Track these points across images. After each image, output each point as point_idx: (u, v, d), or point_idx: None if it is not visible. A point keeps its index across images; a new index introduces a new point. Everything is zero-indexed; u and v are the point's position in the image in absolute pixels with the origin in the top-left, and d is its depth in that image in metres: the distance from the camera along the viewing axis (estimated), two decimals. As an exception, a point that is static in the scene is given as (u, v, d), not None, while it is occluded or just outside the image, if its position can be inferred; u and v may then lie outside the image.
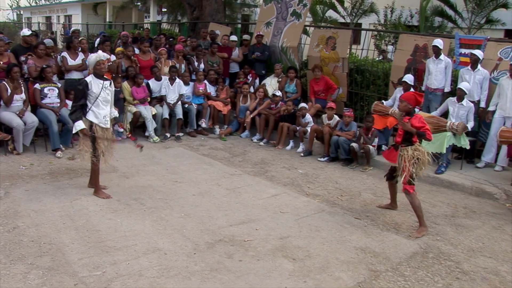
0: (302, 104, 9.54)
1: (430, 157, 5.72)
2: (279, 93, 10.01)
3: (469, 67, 8.20)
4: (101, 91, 6.08)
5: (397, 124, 5.94)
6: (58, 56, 9.34)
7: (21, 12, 43.51)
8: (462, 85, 7.82)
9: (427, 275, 4.66)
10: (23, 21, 40.84)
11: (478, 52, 8.12)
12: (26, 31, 9.57)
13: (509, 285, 4.54)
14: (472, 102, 7.99)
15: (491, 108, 8.02)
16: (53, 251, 4.78)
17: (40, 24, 35.27)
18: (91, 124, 6.09)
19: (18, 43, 10.32)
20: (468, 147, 7.70)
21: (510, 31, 17.59)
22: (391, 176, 6.12)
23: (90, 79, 6.06)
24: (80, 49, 9.45)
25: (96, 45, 11.89)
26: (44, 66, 8.48)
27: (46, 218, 5.53)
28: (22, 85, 8.11)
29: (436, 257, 5.04)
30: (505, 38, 14.79)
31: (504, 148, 7.68)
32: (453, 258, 5.03)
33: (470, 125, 7.82)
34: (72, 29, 13.73)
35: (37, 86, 8.35)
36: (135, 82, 9.52)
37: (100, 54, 6.18)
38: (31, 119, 8.04)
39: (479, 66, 8.11)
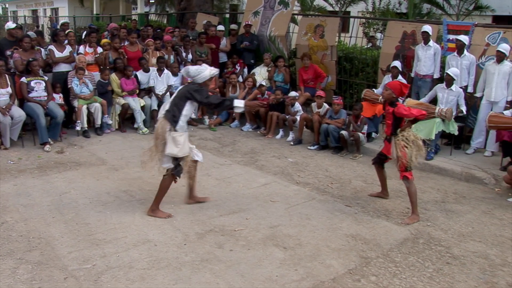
0: (293, 93, 9.52)
1: (421, 141, 5.72)
2: (264, 83, 10.01)
3: (455, 53, 8.21)
4: None
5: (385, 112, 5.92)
6: (43, 50, 9.23)
7: (6, 6, 43.00)
8: (450, 70, 7.82)
9: (417, 260, 4.69)
10: (9, 14, 40.39)
11: (463, 38, 8.12)
12: (10, 24, 9.47)
13: (498, 268, 4.57)
14: (460, 87, 8.00)
15: (478, 94, 8.03)
16: (42, 245, 4.75)
17: (26, 17, 34.88)
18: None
19: (3, 37, 10.21)
20: (456, 133, 7.71)
21: (499, 17, 17.61)
22: (379, 160, 6.12)
23: None
24: (67, 42, 9.35)
25: (83, 37, 11.78)
26: (30, 59, 8.38)
27: (35, 213, 5.50)
28: (8, 79, 8.02)
29: (426, 243, 5.05)
30: (493, 23, 14.80)
31: (493, 133, 7.70)
32: (444, 243, 5.05)
33: (464, 109, 7.83)
34: (61, 22, 13.58)
35: (23, 79, 8.25)
36: (124, 74, 9.44)
37: (214, 72, 5.54)
38: (18, 113, 7.96)
39: (465, 51, 8.12)
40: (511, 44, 7.85)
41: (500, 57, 7.65)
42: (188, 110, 5.36)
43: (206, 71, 5.36)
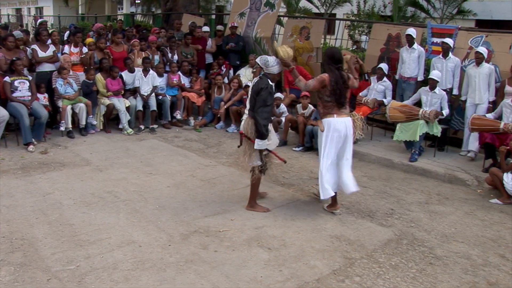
0: (278, 94, 9.53)
1: None
2: (249, 84, 9.99)
3: (440, 56, 8.29)
4: None
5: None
6: (28, 49, 9.15)
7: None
8: (433, 74, 7.88)
9: (401, 261, 4.72)
10: (-8, 13, 39.98)
11: (449, 40, 8.21)
12: (-7, 23, 9.37)
13: (479, 268, 4.62)
14: (444, 90, 8.07)
15: (463, 98, 8.10)
16: (25, 246, 4.71)
17: (10, 16, 34.51)
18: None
19: (-14, 36, 10.08)
20: (439, 134, 7.79)
21: (481, 21, 17.84)
22: None
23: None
24: (49, 42, 9.26)
25: (66, 38, 11.69)
26: (14, 58, 8.30)
27: (18, 214, 5.45)
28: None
29: (410, 244, 5.09)
30: (476, 27, 15.00)
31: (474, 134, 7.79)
32: (427, 244, 5.10)
33: (446, 112, 7.89)
34: (39, 20, 13.45)
35: (7, 79, 8.16)
36: (110, 74, 9.38)
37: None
38: (1, 113, 7.85)
39: (450, 54, 8.20)
40: (493, 48, 7.95)
41: (479, 59, 7.72)
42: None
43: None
